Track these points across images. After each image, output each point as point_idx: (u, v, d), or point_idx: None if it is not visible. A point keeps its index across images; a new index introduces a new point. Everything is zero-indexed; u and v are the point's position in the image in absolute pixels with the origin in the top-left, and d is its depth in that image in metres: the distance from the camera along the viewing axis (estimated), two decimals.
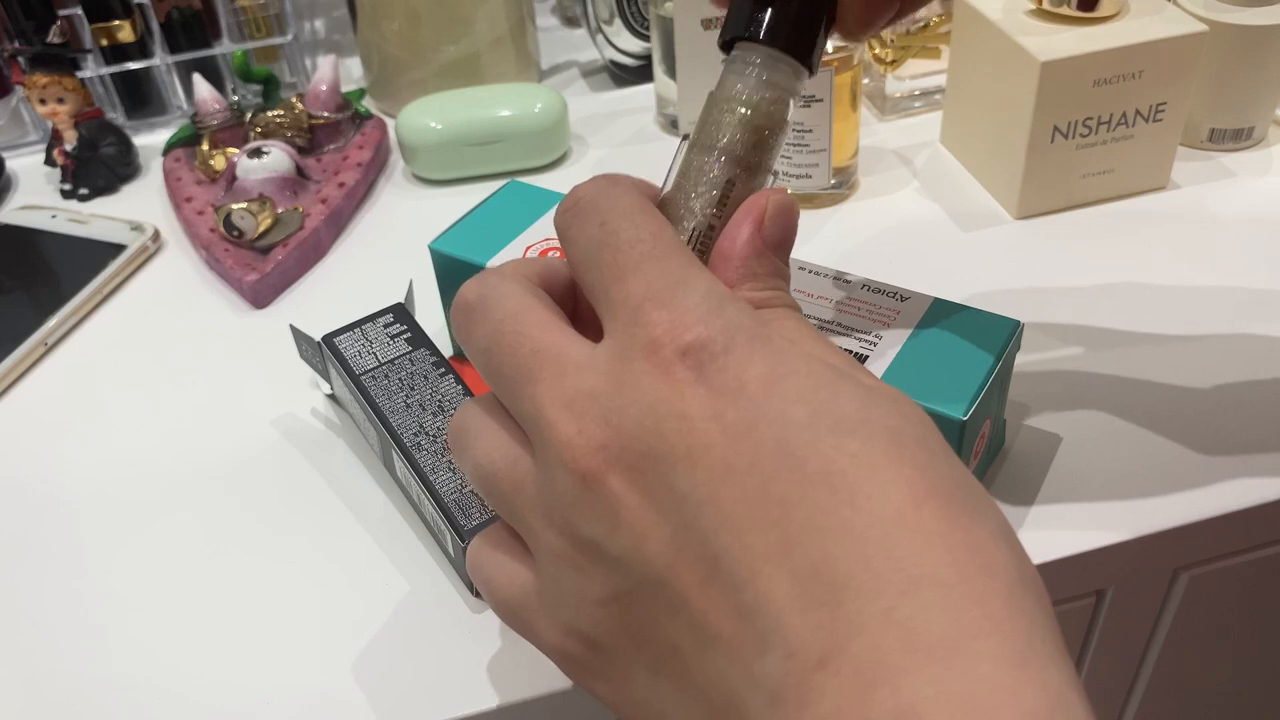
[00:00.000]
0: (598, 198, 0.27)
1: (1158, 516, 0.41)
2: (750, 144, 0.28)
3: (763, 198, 0.28)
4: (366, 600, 0.41)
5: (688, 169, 0.29)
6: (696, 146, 0.29)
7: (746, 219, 0.28)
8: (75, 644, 0.40)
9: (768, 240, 0.28)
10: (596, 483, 0.24)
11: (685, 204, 0.29)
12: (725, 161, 0.28)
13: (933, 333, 0.40)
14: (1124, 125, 0.56)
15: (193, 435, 0.49)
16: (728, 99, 0.29)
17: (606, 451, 0.24)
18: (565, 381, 0.25)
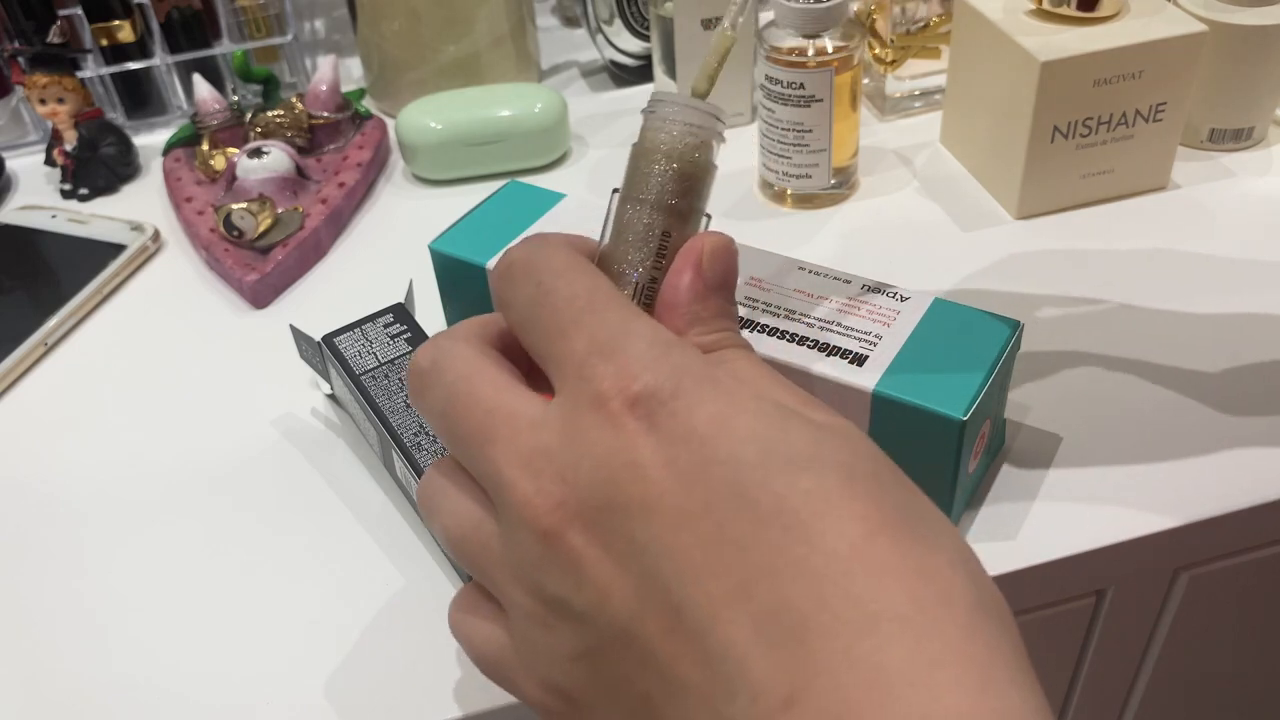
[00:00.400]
0: (530, 259, 0.27)
1: (1158, 516, 0.41)
2: (679, 192, 0.29)
3: (699, 242, 0.28)
4: (366, 600, 0.41)
5: (621, 223, 0.29)
6: (628, 200, 0.29)
7: (685, 266, 0.28)
8: (75, 643, 0.40)
9: (709, 283, 0.28)
10: (558, 540, 0.24)
11: (625, 260, 0.29)
12: (657, 213, 0.28)
13: (933, 333, 0.40)
14: (1124, 125, 0.56)
15: (192, 435, 0.49)
16: (651, 151, 0.29)
17: (565, 509, 0.24)
18: (520, 440, 0.25)
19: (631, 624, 0.23)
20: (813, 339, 0.40)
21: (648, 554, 0.23)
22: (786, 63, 0.55)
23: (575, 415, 0.25)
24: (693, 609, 0.22)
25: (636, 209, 0.29)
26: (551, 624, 0.25)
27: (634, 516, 0.23)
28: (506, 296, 0.28)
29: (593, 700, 0.25)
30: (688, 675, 0.23)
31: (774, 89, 0.56)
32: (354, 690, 0.38)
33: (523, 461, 0.25)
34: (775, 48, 0.55)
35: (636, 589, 0.23)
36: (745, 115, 0.67)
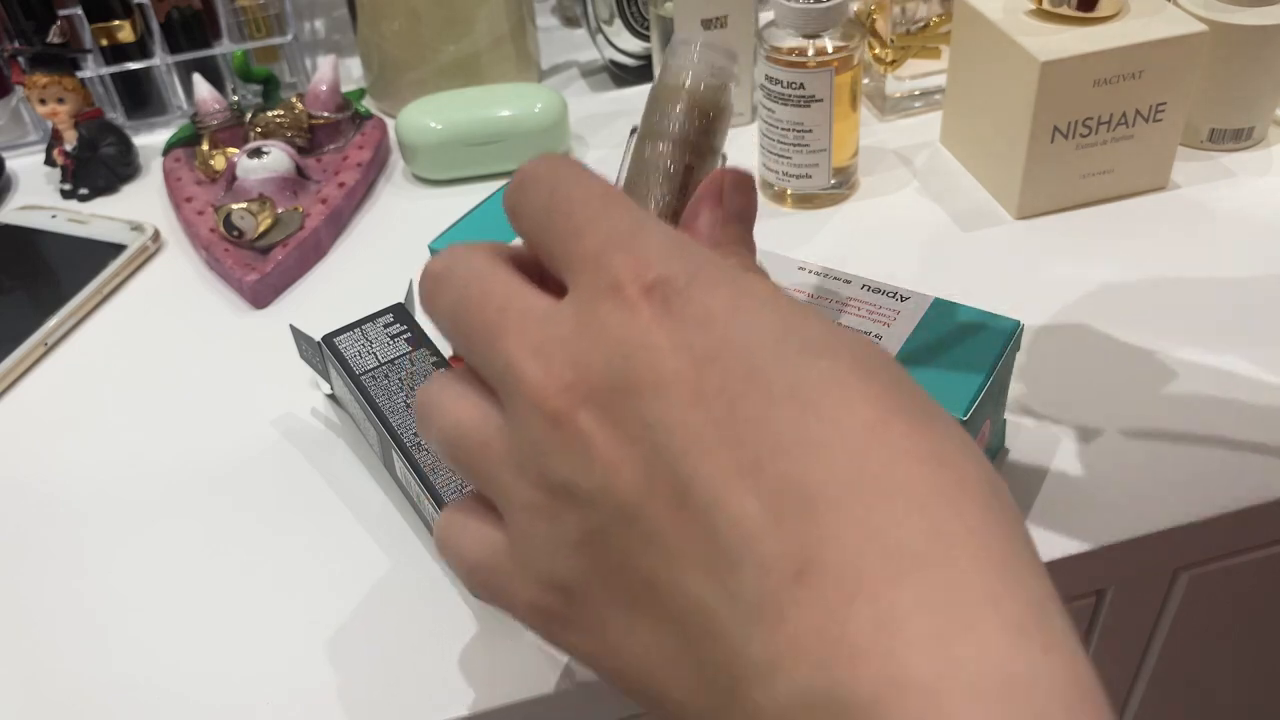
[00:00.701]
0: (544, 170, 0.27)
1: (1158, 516, 0.41)
2: (701, 129, 0.29)
3: (719, 175, 0.29)
4: (366, 600, 0.41)
5: (641, 159, 0.30)
6: (648, 137, 0.30)
7: (706, 195, 0.28)
8: (76, 643, 0.40)
9: (729, 213, 0.28)
10: (567, 421, 0.24)
11: (645, 194, 0.29)
12: (679, 148, 0.29)
13: (932, 333, 0.40)
14: (1124, 125, 0.56)
15: (192, 435, 0.49)
16: (673, 89, 0.30)
17: (575, 391, 0.24)
18: (532, 331, 0.25)
19: (638, 502, 0.23)
20: None
21: (658, 431, 0.23)
22: (786, 63, 0.55)
23: (590, 303, 0.24)
24: (701, 485, 0.22)
25: (657, 145, 0.29)
26: (555, 512, 0.25)
27: (646, 397, 0.23)
28: (519, 206, 0.27)
29: (592, 589, 0.25)
30: (693, 552, 0.22)
31: (774, 89, 0.56)
32: (354, 690, 0.38)
33: (534, 349, 0.25)
34: (775, 48, 0.55)
35: (645, 467, 0.23)
36: (745, 115, 0.67)
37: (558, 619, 0.26)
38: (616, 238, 0.25)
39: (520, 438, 0.25)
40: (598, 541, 0.24)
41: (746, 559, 0.21)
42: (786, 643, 0.21)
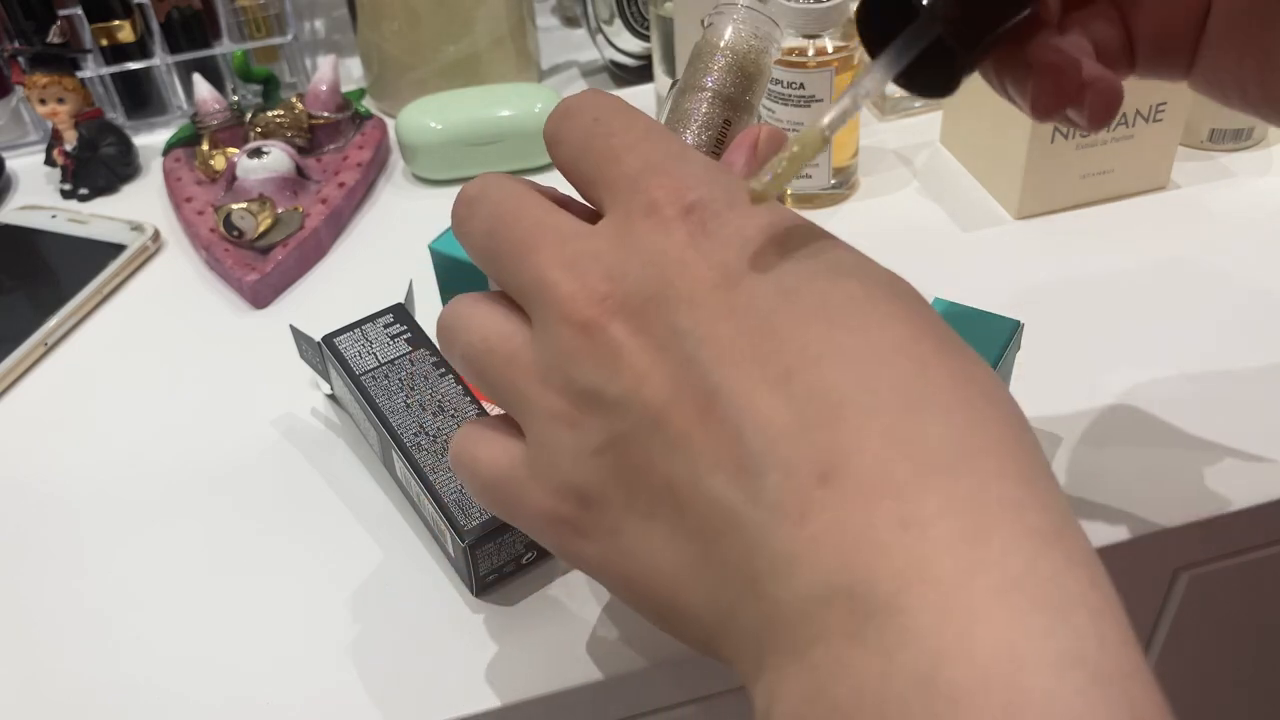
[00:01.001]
0: (588, 100, 0.28)
1: (1158, 516, 0.41)
2: (741, 86, 0.31)
3: (754, 130, 0.29)
4: (366, 600, 0.41)
5: (681, 110, 0.31)
6: (689, 90, 0.31)
7: (741, 146, 0.29)
8: (76, 644, 0.40)
9: (762, 162, 0.29)
10: (598, 331, 0.24)
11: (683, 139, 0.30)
12: (719, 102, 0.30)
13: None
14: (1124, 125, 0.56)
15: (193, 435, 0.49)
16: (717, 46, 0.31)
17: (609, 301, 0.24)
18: (566, 246, 0.25)
19: (665, 409, 0.24)
20: None
21: (689, 341, 0.23)
22: (786, 63, 0.55)
23: (626, 222, 0.25)
24: (729, 393, 0.23)
25: (698, 97, 0.31)
26: (578, 419, 0.25)
27: (678, 308, 0.24)
28: (561, 133, 0.28)
29: (611, 495, 0.25)
30: (718, 456, 0.23)
31: (774, 89, 0.56)
32: (354, 690, 0.38)
33: (568, 263, 0.25)
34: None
35: (673, 374, 0.23)
36: None
37: (571, 527, 0.26)
38: (656, 162, 0.25)
39: (548, 348, 0.25)
40: (620, 447, 0.24)
41: (771, 463, 0.22)
42: (808, 540, 0.21)
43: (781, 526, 0.21)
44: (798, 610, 0.21)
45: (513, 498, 0.27)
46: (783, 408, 0.22)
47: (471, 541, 0.38)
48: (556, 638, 0.39)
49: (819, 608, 0.20)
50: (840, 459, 0.21)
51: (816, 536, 0.21)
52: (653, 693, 0.39)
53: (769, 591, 0.21)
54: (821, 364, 0.22)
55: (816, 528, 0.21)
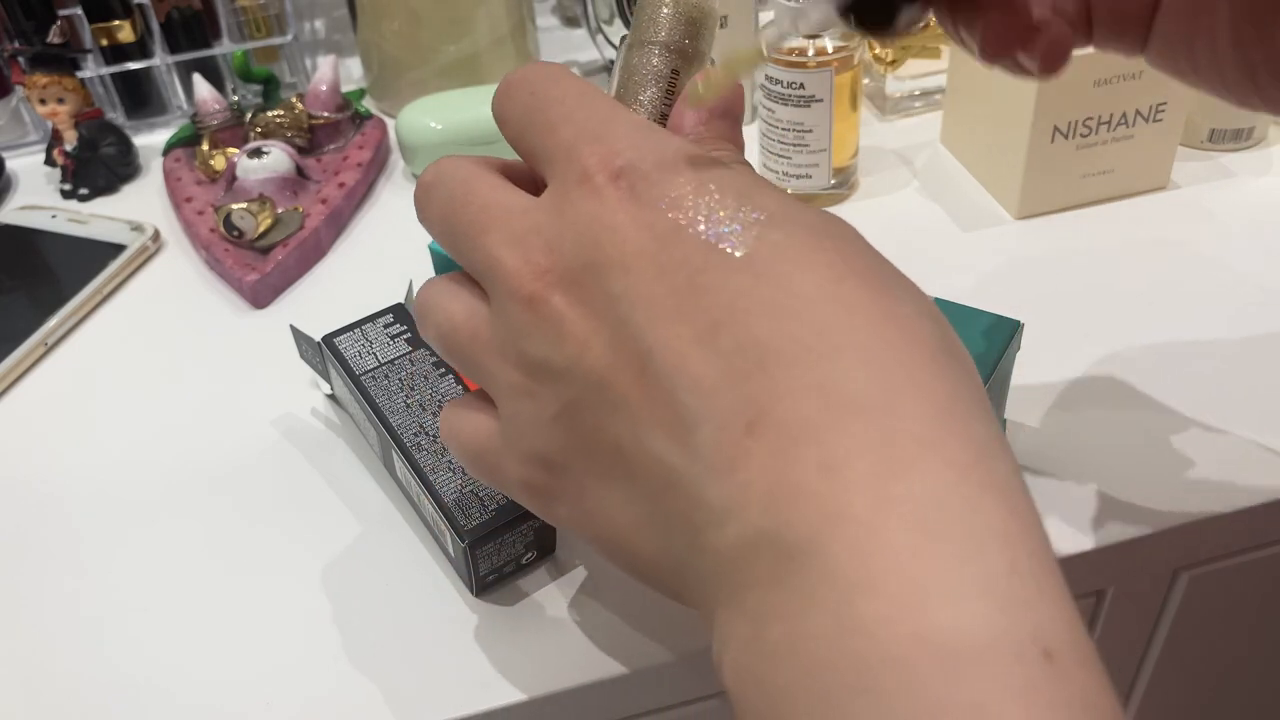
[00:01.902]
0: (526, 73, 0.29)
1: (1158, 516, 0.41)
2: (687, 34, 0.30)
3: (704, 73, 0.29)
4: (366, 600, 0.41)
5: (630, 66, 0.30)
6: (636, 45, 0.30)
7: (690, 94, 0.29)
8: (75, 643, 0.40)
9: (711, 110, 0.29)
10: (541, 303, 0.26)
11: (635, 100, 0.30)
12: (666, 53, 0.30)
13: None
14: (1124, 125, 0.56)
15: (192, 435, 0.49)
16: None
17: (550, 274, 0.26)
18: (513, 224, 0.27)
19: (607, 373, 0.25)
20: None
21: (622, 304, 0.24)
22: (786, 63, 0.55)
23: (563, 193, 0.26)
24: (661, 351, 0.24)
25: (646, 51, 0.30)
26: (533, 390, 0.26)
27: (612, 273, 0.25)
28: (504, 111, 0.29)
29: (571, 460, 0.27)
30: (656, 415, 0.24)
31: (774, 89, 0.56)
32: (354, 691, 0.38)
33: (514, 240, 0.26)
34: (775, 48, 0.55)
35: (611, 338, 0.25)
36: (745, 115, 0.67)
37: (544, 492, 0.28)
38: (589, 129, 0.26)
39: (503, 324, 0.27)
40: (573, 413, 0.26)
41: (703, 417, 0.23)
42: (738, 489, 0.22)
43: (714, 479, 0.22)
44: (732, 559, 0.22)
45: (492, 468, 0.29)
46: (711, 363, 0.23)
47: (471, 541, 0.38)
48: (556, 638, 0.39)
49: (750, 555, 0.22)
50: (764, 409, 0.22)
51: (745, 485, 0.22)
52: (653, 693, 0.39)
53: (710, 543, 0.23)
54: (746, 317, 0.23)
55: (744, 477, 0.22)
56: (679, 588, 0.25)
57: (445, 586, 0.41)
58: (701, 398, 0.23)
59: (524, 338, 0.26)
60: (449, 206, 0.28)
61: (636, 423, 0.24)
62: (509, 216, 0.27)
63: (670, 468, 0.24)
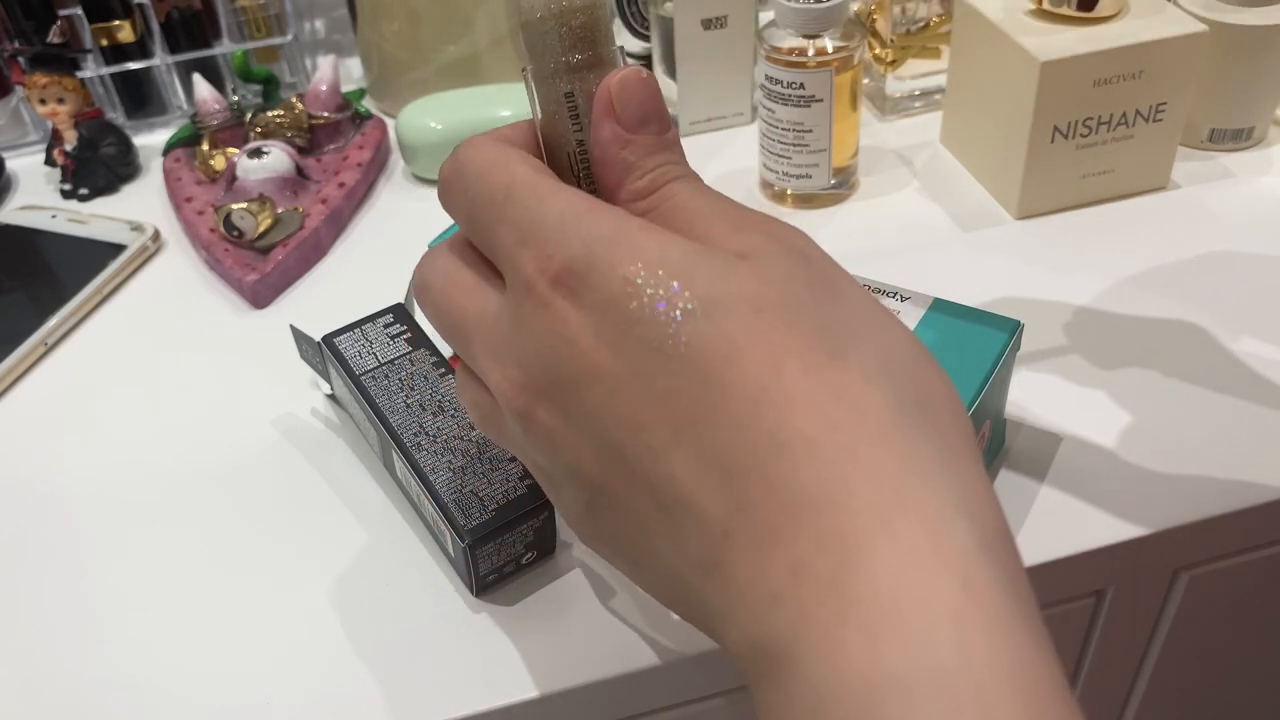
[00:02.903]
0: (456, 171, 0.29)
1: (1158, 516, 0.41)
2: (575, 47, 0.28)
3: (605, 87, 0.28)
4: (366, 600, 0.41)
5: (538, 98, 0.29)
6: (534, 76, 0.29)
7: (600, 116, 0.28)
8: (75, 644, 0.40)
9: (627, 124, 0.28)
10: (529, 418, 0.27)
11: (555, 133, 0.29)
12: (562, 78, 0.28)
13: (933, 333, 0.40)
14: (1124, 125, 0.56)
15: (192, 435, 0.49)
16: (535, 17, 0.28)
17: (528, 389, 0.27)
18: (487, 333, 0.28)
19: (603, 481, 0.26)
20: None
21: (596, 419, 0.25)
22: (786, 63, 0.55)
23: (515, 303, 0.27)
24: (639, 464, 0.25)
25: (546, 83, 0.28)
26: (554, 486, 0.28)
27: (580, 387, 0.25)
28: (450, 211, 0.30)
29: (603, 543, 0.28)
30: (652, 521, 0.25)
31: (774, 89, 0.56)
32: (354, 691, 0.38)
33: (491, 352, 0.27)
34: (775, 48, 0.55)
35: (597, 452, 0.26)
36: (745, 115, 0.67)
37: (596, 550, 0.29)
38: (521, 230, 0.27)
39: (510, 429, 0.28)
40: (590, 510, 0.27)
41: (688, 523, 0.24)
42: (733, 596, 0.23)
43: (710, 584, 0.24)
44: (740, 655, 0.24)
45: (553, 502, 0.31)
46: (683, 469, 0.24)
47: (471, 541, 0.38)
48: (556, 638, 0.39)
49: (750, 655, 0.23)
50: (735, 515, 0.23)
51: (736, 594, 0.23)
52: (653, 693, 0.39)
53: (721, 637, 0.24)
54: (701, 426, 0.24)
55: (733, 584, 0.23)
56: None
57: (445, 586, 0.41)
58: (683, 506, 0.24)
59: (529, 448, 0.28)
60: (438, 316, 0.30)
61: (640, 529, 0.26)
62: (483, 326, 0.28)
63: (678, 572, 0.25)
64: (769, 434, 0.23)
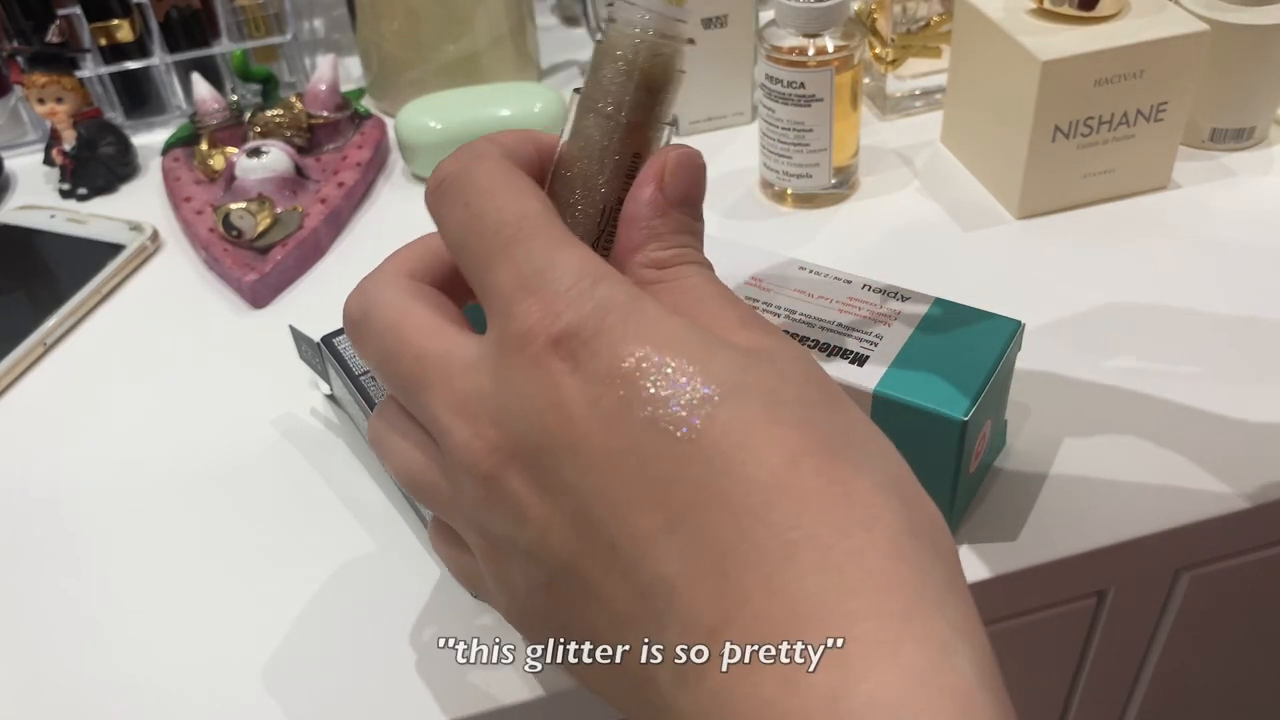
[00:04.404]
0: (460, 175, 0.27)
1: (1158, 516, 0.41)
2: (642, 104, 0.27)
3: (662, 156, 0.27)
4: (366, 600, 0.41)
5: (581, 130, 0.28)
6: (589, 110, 0.28)
7: (647, 180, 0.27)
8: (74, 644, 0.40)
9: (670, 197, 0.27)
10: (497, 483, 0.24)
11: (578, 166, 0.28)
12: (620, 131, 0.27)
13: (933, 333, 0.40)
14: (1125, 125, 0.56)
15: (192, 435, 0.49)
16: (614, 58, 0.27)
17: (501, 452, 0.24)
18: (454, 385, 0.25)
19: (572, 561, 0.24)
20: (813, 339, 0.40)
21: (578, 494, 0.23)
22: (786, 62, 0.55)
23: (503, 355, 0.24)
24: (623, 545, 0.23)
25: (597, 120, 0.27)
26: (504, 560, 0.26)
27: (563, 458, 0.23)
28: (439, 216, 0.27)
29: (554, 629, 0.26)
30: (626, 609, 0.23)
31: (774, 88, 0.56)
32: (354, 691, 0.38)
33: (458, 406, 0.25)
34: (775, 47, 0.55)
35: (573, 528, 0.24)
36: (745, 115, 0.67)
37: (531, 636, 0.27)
38: (525, 277, 0.24)
39: (460, 492, 0.26)
40: (549, 590, 0.25)
41: (670, 618, 0.22)
42: (709, 699, 0.21)
43: (684, 686, 0.22)
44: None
45: (490, 602, 0.29)
46: (674, 560, 0.22)
47: None
48: None
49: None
50: (727, 614, 0.21)
51: (715, 695, 0.21)
52: None
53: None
54: (703, 512, 0.22)
55: (712, 687, 0.21)
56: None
57: (445, 586, 0.41)
58: (666, 598, 0.22)
59: (484, 513, 0.25)
60: (382, 355, 0.27)
61: (609, 614, 0.24)
62: (449, 375, 0.25)
63: (644, 667, 0.23)
64: (778, 532, 0.21)
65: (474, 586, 0.29)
